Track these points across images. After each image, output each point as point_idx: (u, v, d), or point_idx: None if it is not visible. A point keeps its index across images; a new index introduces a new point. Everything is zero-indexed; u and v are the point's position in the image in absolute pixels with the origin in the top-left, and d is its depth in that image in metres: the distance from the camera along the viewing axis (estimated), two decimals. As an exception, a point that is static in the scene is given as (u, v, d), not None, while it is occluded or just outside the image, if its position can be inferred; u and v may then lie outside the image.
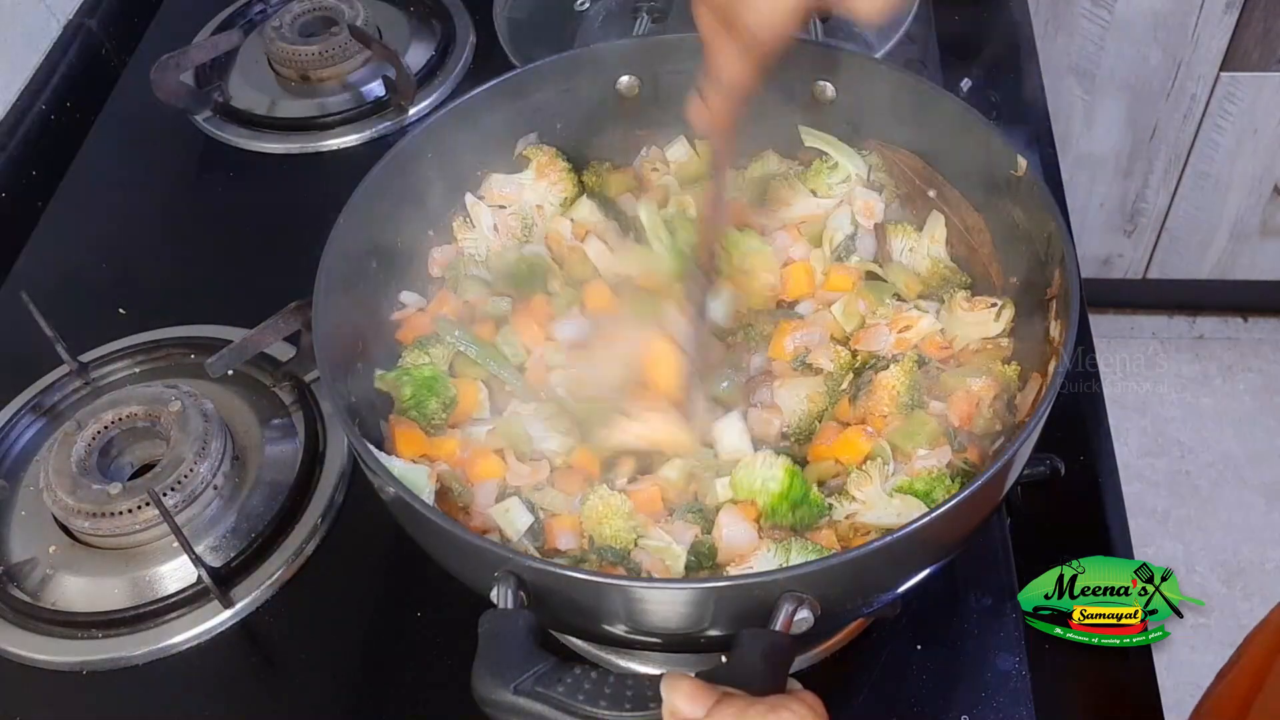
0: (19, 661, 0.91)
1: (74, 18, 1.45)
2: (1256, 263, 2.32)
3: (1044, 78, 1.32)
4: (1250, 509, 2.26)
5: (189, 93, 1.36)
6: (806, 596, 0.61)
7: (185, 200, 1.33)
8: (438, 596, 0.91)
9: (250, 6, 1.52)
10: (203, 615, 0.92)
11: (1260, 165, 2.13)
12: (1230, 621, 2.07)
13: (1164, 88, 2.03)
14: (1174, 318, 2.56)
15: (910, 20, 1.32)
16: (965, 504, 0.66)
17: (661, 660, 0.83)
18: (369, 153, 1.30)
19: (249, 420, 1.04)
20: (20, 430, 1.06)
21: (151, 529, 0.95)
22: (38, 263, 1.25)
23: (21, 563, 0.96)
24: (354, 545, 0.97)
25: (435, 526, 0.68)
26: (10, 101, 1.34)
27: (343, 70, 1.39)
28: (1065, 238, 0.79)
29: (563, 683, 0.59)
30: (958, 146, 0.90)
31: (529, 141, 0.98)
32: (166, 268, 1.23)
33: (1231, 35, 1.93)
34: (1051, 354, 0.81)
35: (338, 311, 0.81)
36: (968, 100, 0.88)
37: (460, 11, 1.47)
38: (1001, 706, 0.82)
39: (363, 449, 0.73)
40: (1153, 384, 2.46)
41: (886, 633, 0.87)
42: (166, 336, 1.12)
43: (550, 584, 0.64)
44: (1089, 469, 0.97)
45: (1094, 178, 2.20)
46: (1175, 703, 0.90)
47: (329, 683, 0.89)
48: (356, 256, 0.86)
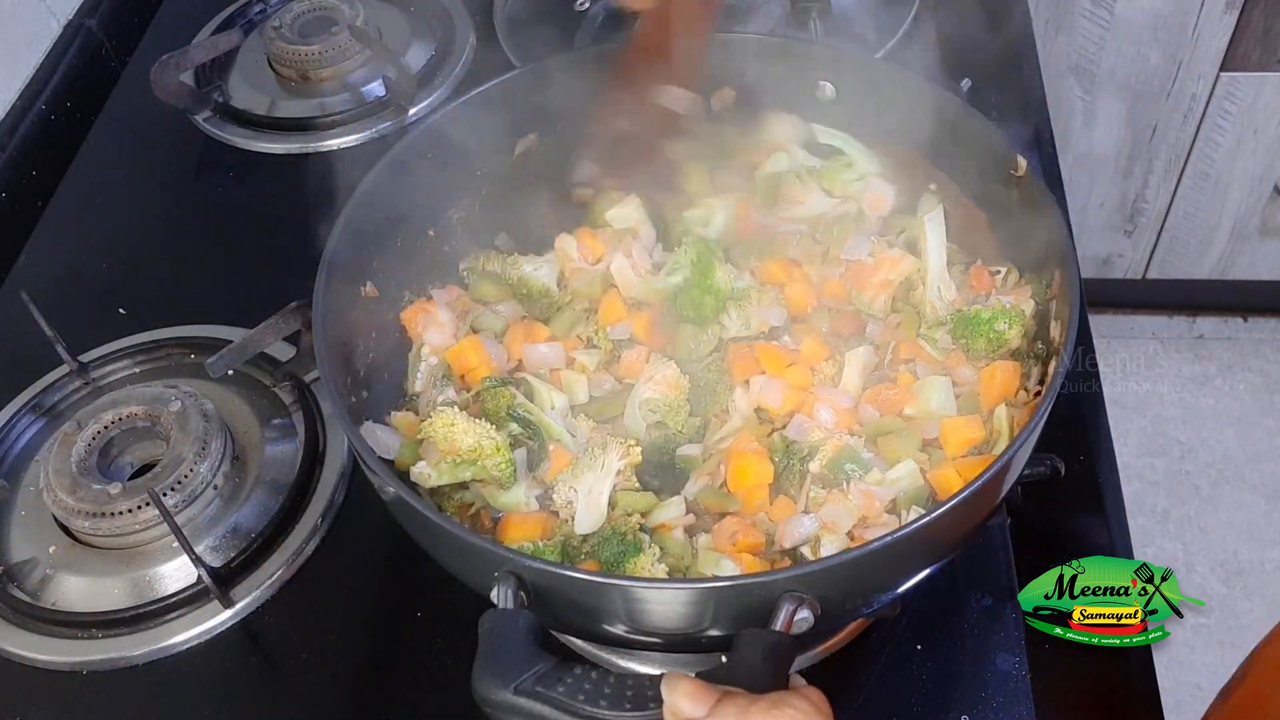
0: (19, 661, 0.91)
1: (74, 18, 1.45)
2: (1256, 263, 2.32)
3: (1044, 78, 1.32)
4: (1250, 509, 2.26)
5: (189, 93, 1.36)
6: (807, 596, 0.62)
7: (185, 200, 1.33)
8: (438, 596, 0.91)
9: (250, 6, 1.52)
10: (203, 615, 0.92)
11: (1260, 165, 2.13)
12: (1230, 621, 2.07)
13: (1164, 88, 2.03)
14: (1174, 318, 2.56)
15: (910, 20, 1.32)
16: (965, 504, 0.66)
17: (661, 660, 0.83)
18: (369, 153, 1.30)
19: (249, 420, 1.04)
20: (20, 430, 1.06)
21: (151, 529, 0.95)
22: (38, 263, 1.25)
23: (21, 563, 0.96)
24: (354, 545, 0.97)
25: (435, 526, 0.68)
26: (10, 101, 1.34)
27: (343, 70, 1.39)
28: (1065, 238, 0.79)
29: (563, 683, 0.59)
30: (958, 146, 0.90)
31: (529, 142, 0.98)
32: (166, 268, 1.23)
33: (1231, 35, 1.93)
34: (1051, 354, 0.81)
35: (338, 311, 0.81)
36: (968, 100, 0.89)
37: (460, 11, 1.47)
38: (1001, 706, 0.82)
39: (363, 449, 0.73)
40: (1153, 384, 2.46)
41: (886, 633, 0.87)
42: (166, 336, 1.12)
43: (550, 584, 0.64)
44: (1089, 469, 0.97)
45: (1094, 178, 2.20)
46: (1175, 703, 0.90)
47: (329, 683, 0.89)
48: (357, 256, 0.86)
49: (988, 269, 0.91)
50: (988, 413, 0.84)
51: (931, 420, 0.85)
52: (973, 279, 0.91)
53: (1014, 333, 0.85)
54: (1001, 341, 0.85)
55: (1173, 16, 1.92)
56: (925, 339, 0.90)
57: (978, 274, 0.91)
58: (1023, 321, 0.85)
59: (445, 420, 0.82)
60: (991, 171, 0.87)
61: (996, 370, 0.85)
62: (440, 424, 0.81)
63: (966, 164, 0.90)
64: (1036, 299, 0.85)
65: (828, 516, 0.79)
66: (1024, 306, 0.85)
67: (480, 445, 0.81)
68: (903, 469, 0.82)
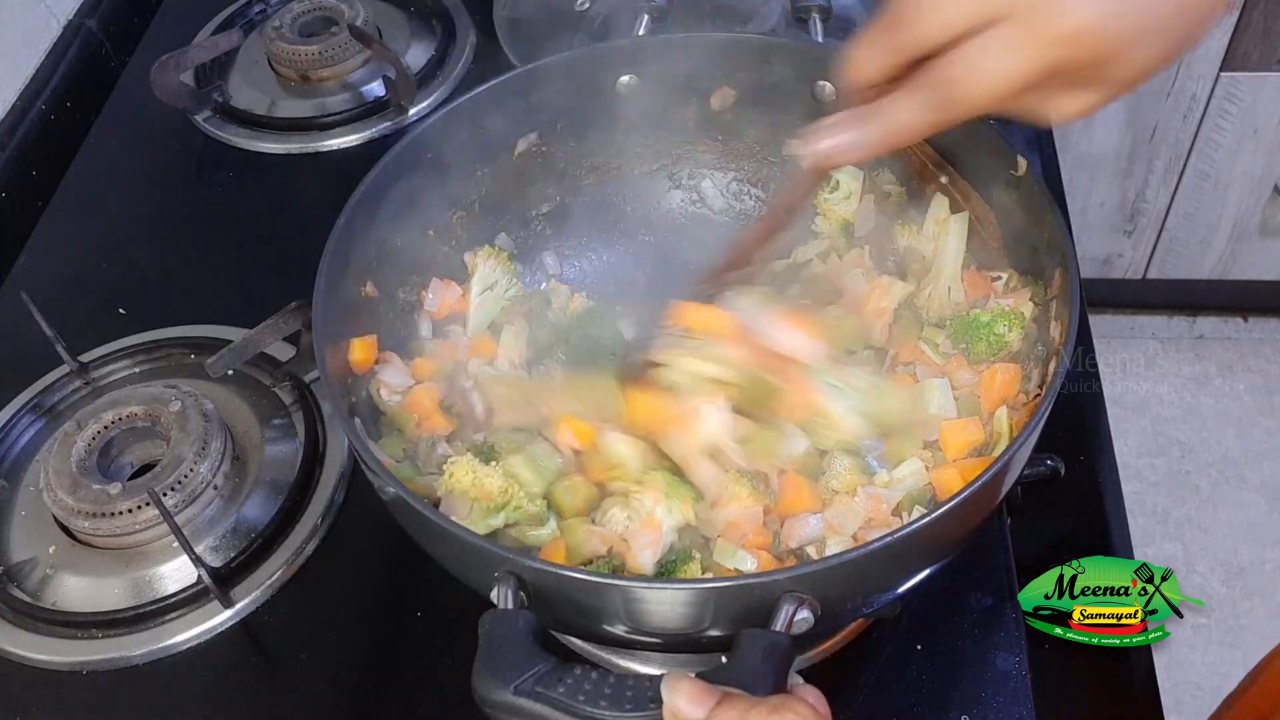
0: (19, 661, 0.91)
1: (74, 18, 1.45)
2: (1256, 263, 2.32)
3: (1044, 78, 1.32)
4: (1250, 509, 2.26)
5: (189, 93, 1.36)
6: (807, 597, 0.61)
7: (185, 200, 1.33)
8: (438, 596, 0.91)
9: (250, 6, 1.52)
10: (203, 615, 0.92)
11: (1260, 165, 2.13)
12: (1230, 621, 2.07)
13: (1164, 88, 2.03)
14: (1174, 318, 2.56)
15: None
16: (965, 504, 0.66)
17: (661, 660, 0.83)
18: (369, 153, 1.30)
19: (249, 420, 1.04)
20: (20, 430, 1.06)
21: (151, 529, 0.95)
22: (38, 263, 1.25)
23: (21, 563, 0.96)
24: (354, 545, 0.97)
25: (435, 526, 0.68)
26: (10, 101, 1.34)
27: (343, 70, 1.39)
28: (1065, 238, 0.79)
29: (563, 683, 0.59)
30: (957, 146, 0.90)
31: (529, 141, 0.98)
32: (166, 268, 1.23)
33: (1231, 35, 1.93)
34: (1051, 354, 0.81)
35: (338, 311, 0.81)
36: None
37: (460, 11, 1.47)
38: (1001, 706, 0.82)
39: (363, 449, 0.73)
40: (1153, 384, 2.46)
41: (886, 633, 0.87)
42: (166, 336, 1.12)
43: (550, 584, 0.64)
44: (1089, 469, 0.97)
45: (1094, 178, 2.20)
46: (1175, 703, 0.90)
47: (329, 683, 0.89)
48: (357, 256, 0.86)
49: (987, 274, 0.90)
50: (988, 415, 0.84)
51: (932, 423, 0.85)
52: (968, 284, 0.90)
53: (1014, 335, 0.85)
54: (1002, 345, 0.85)
55: (1173, 16, 1.92)
56: (926, 342, 0.90)
57: (973, 279, 0.90)
58: (1023, 324, 0.85)
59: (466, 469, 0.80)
60: (991, 172, 0.87)
61: (997, 373, 0.85)
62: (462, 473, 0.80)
63: (966, 164, 0.90)
64: (1036, 301, 0.85)
65: (834, 519, 0.79)
66: (1023, 309, 0.85)
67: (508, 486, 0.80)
68: (908, 468, 0.82)
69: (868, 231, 0.97)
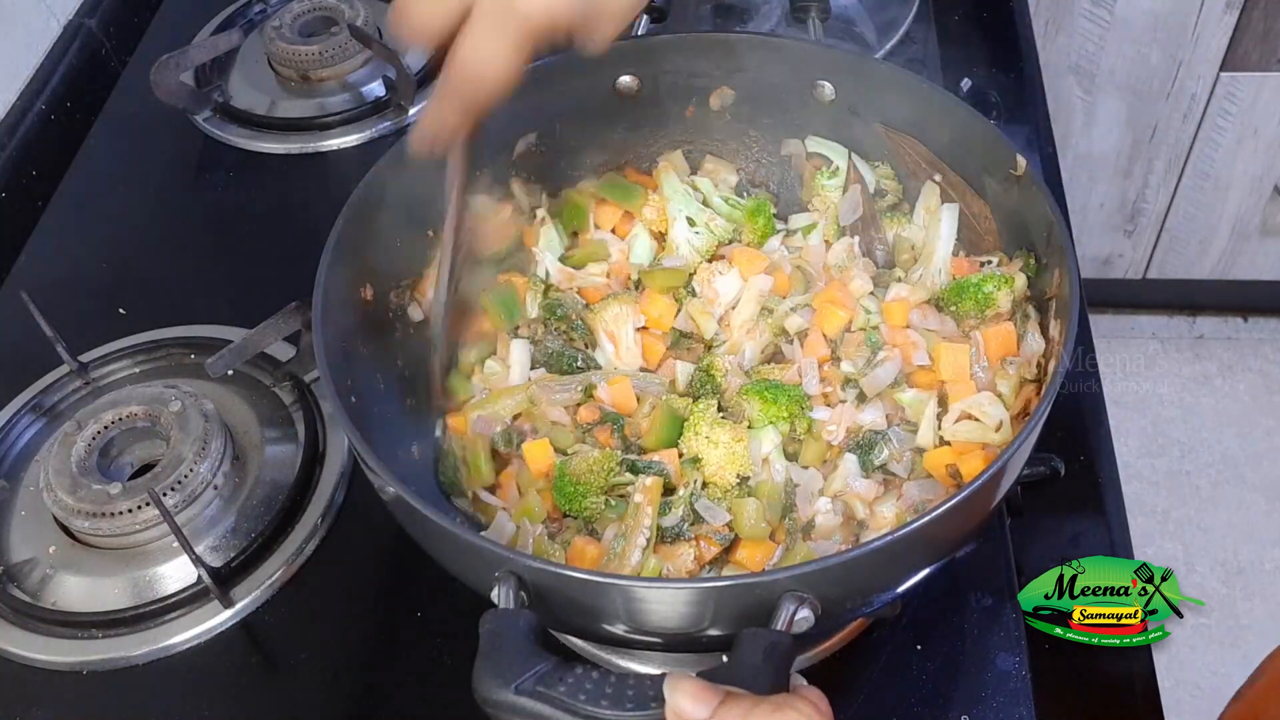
0: (19, 661, 0.91)
1: (74, 18, 1.45)
2: (1256, 263, 2.32)
3: (1044, 78, 1.32)
4: (1250, 509, 2.26)
5: (189, 93, 1.36)
6: (807, 596, 0.62)
7: (185, 200, 1.33)
8: (438, 596, 0.91)
9: (250, 6, 1.52)
10: (203, 615, 0.92)
11: (1260, 165, 2.13)
12: (1230, 621, 2.08)
13: (1164, 88, 2.03)
14: (1174, 318, 2.56)
15: (910, 20, 1.32)
16: (965, 504, 0.66)
17: (662, 660, 0.83)
18: (369, 153, 1.30)
19: (249, 420, 1.04)
20: (20, 430, 1.06)
21: (151, 529, 0.95)
22: (38, 263, 1.25)
23: (21, 563, 0.96)
24: (354, 545, 0.97)
25: (435, 526, 0.68)
26: (10, 101, 1.34)
27: (343, 70, 1.39)
28: (1065, 238, 0.79)
29: (564, 683, 0.59)
30: (957, 146, 0.90)
31: (528, 142, 0.98)
32: (166, 268, 1.23)
33: (1231, 35, 1.93)
34: (1051, 354, 0.81)
35: (338, 311, 0.81)
36: (968, 100, 0.89)
37: (460, 11, 1.46)
38: (1001, 706, 0.82)
39: (363, 449, 0.73)
40: (1153, 384, 2.46)
41: (886, 633, 0.87)
42: (166, 336, 1.12)
43: (551, 584, 0.64)
44: (1089, 469, 0.97)
45: (1094, 178, 2.20)
46: (1175, 703, 0.90)
47: (329, 683, 0.89)
48: (356, 256, 0.86)
49: (976, 260, 0.91)
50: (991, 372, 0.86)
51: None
52: (957, 270, 0.92)
53: (1001, 295, 0.86)
54: (989, 302, 0.86)
55: (1172, 16, 1.92)
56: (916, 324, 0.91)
57: (961, 265, 0.92)
58: (1011, 285, 0.86)
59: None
60: (991, 171, 0.87)
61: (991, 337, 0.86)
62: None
63: (966, 164, 0.90)
64: (1027, 273, 0.86)
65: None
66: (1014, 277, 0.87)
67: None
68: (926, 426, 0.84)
69: (854, 221, 0.97)
